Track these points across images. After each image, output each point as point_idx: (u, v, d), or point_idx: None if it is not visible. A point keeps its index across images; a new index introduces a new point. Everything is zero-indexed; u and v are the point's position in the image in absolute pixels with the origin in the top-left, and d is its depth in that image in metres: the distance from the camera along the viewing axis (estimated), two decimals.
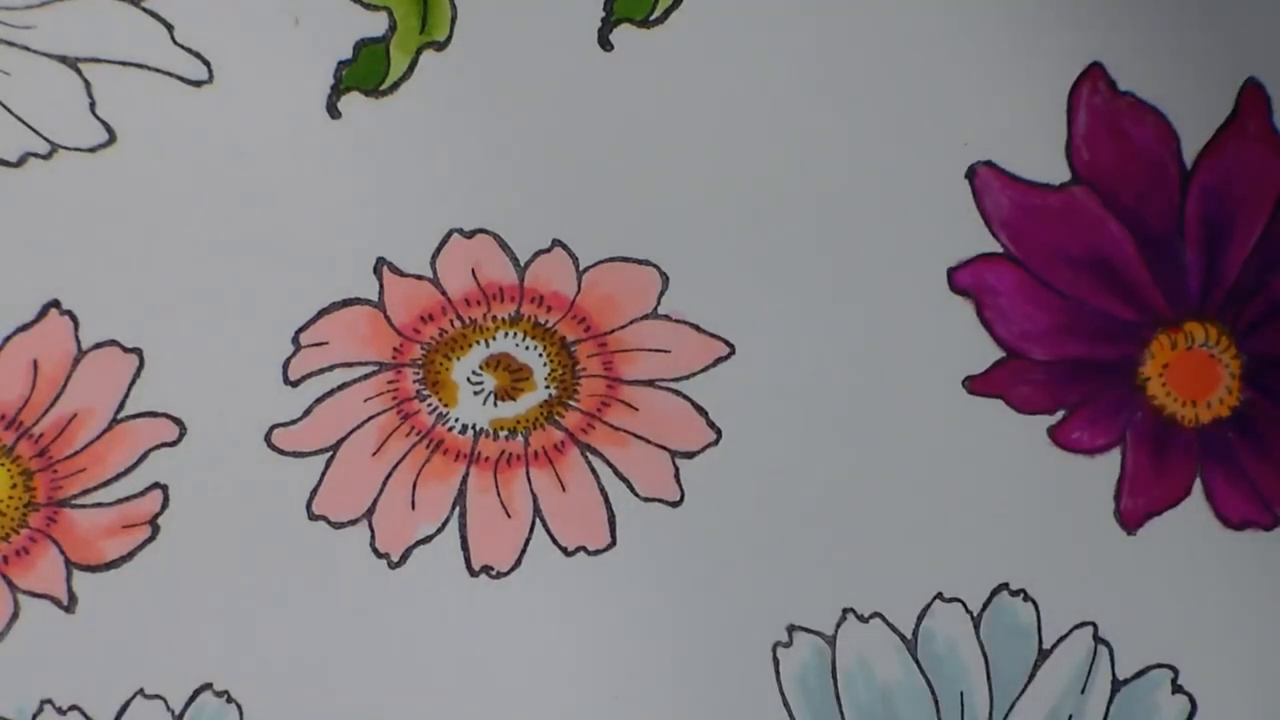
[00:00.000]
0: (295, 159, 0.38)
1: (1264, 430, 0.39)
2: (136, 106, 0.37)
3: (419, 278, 0.38)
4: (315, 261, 0.38)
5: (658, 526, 0.38)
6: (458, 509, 0.37)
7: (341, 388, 0.37)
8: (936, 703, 0.39)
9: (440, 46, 0.38)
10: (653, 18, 0.38)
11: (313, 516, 0.37)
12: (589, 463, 0.38)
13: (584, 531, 0.38)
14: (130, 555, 0.36)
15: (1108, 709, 0.40)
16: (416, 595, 0.37)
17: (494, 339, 0.38)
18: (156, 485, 0.37)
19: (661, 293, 0.38)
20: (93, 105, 0.37)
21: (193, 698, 0.36)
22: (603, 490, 0.38)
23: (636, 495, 0.39)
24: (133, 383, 0.37)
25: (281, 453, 0.37)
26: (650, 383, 0.38)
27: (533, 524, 0.37)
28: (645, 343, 0.38)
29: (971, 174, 0.38)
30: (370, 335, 0.38)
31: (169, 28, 0.37)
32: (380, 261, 0.38)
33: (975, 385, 0.39)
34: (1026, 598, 0.39)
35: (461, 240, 0.38)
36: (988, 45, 0.39)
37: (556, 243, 0.38)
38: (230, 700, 0.36)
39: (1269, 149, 0.39)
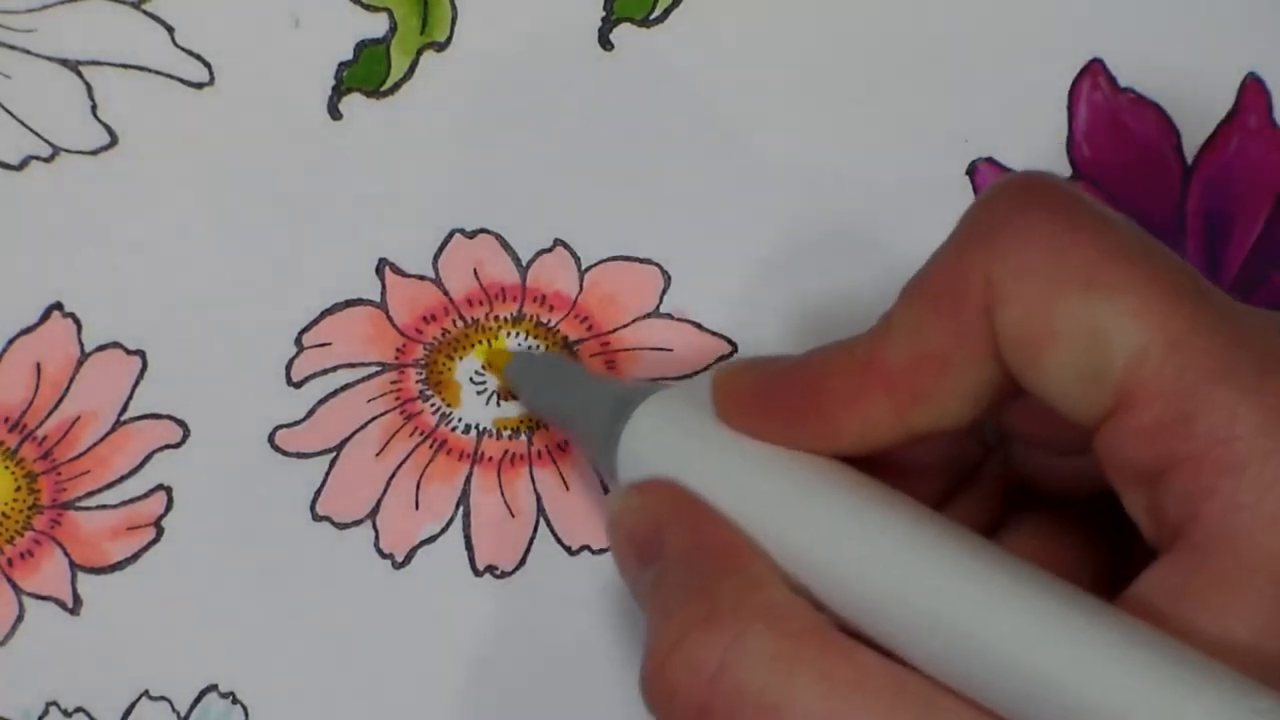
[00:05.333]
0: (297, 160, 0.38)
1: None
2: (138, 109, 0.37)
3: (421, 278, 0.38)
4: (317, 262, 0.38)
5: None
6: (461, 509, 0.37)
7: (345, 388, 0.37)
8: None
9: (440, 47, 0.38)
10: (652, 17, 0.38)
11: (317, 518, 0.37)
12: None
13: (588, 530, 0.37)
14: (135, 557, 0.36)
15: None
16: (421, 596, 0.37)
17: (496, 339, 0.38)
18: (160, 487, 0.37)
19: (663, 292, 0.38)
20: (94, 108, 0.37)
21: (198, 699, 0.36)
22: (606, 489, 0.38)
23: None
24: (136, 385, 0.37)
25: (285, 454, 0.37)
26: (652, 382, 0.38)
27: (536, 523, 0.37)
28: (647, 342, 0.38)
29: (972, 171, 0.38)
30: (373, 336, 0.38)
31: (170, 30, 0.37)
32: (382, 262, 0.38)
33: None
34: None
35: (463, 240, 0.38)
36: (988, 43, 0.39)
37: (558, 242, 0.38)
38: (236, 701, 0.36)
39: (1269, 144, 0.39)
